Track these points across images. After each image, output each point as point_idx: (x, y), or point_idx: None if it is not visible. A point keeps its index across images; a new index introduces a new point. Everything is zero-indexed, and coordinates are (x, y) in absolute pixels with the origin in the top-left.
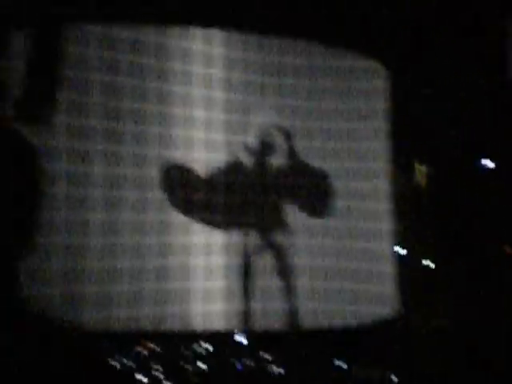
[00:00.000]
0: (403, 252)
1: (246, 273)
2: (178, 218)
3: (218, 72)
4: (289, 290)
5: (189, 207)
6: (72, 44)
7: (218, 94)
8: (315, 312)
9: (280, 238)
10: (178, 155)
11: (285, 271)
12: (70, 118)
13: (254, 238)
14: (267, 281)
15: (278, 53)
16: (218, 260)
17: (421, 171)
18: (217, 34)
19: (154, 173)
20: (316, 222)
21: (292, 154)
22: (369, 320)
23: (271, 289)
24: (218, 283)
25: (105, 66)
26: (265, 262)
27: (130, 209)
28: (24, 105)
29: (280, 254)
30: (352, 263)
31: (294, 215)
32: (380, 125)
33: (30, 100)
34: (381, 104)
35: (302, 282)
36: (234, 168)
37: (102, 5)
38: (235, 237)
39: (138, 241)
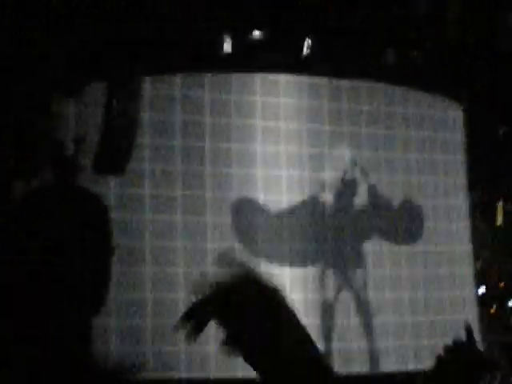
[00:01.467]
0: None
1: (326, 311)
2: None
3: (289, 103)
4: (371, 329)
5: (265, 254)
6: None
7: (291, 126)
8: (402, 350)
9: (361, 277)
10: (251, 195)
11: (367, 309)
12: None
13: (332, 279)
14: (348, 319)
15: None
16: (298, 299)
17: (502, 209)
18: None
19: (223, 220)
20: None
21: (372, 190)
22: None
23: (353, 328)
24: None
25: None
26: (345, 299)
27: (197, 261)
28: (101, 156)
29: (360, 291)
30: (436, 294)
31: (374, 255)
32: (460, 161)
33: (108, 151)
34: (459, 144)
35: (387, 319)
36: (311, 208)
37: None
38: (313, 277)
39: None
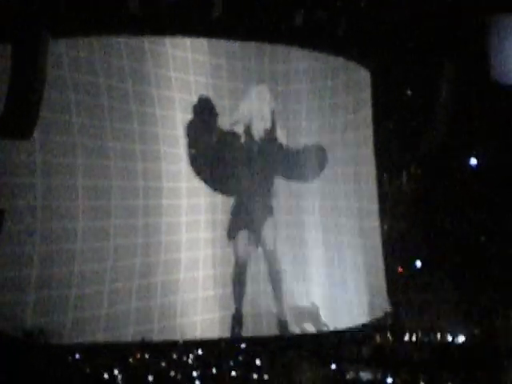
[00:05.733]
0: (392, 253)
1: (237, 280)
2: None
3: (202, 79)
4: (279, 295)
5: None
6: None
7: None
8: (307, 316)
9: (270, 244)
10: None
11: (275, 276)
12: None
13: (244, 244)
14: (257, 286)
15: (260, 58)
16: (208, 268)
17: (408, 171)
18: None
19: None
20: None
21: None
22: (360, 322)
23: (261, 294)
24: (209, 292)
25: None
26: (255, 268)
27: (112, 216)
28: (6, 119)
29: (270, 259)
30: (342, 268)
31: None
32: (367, 132)
33: (12, 114)
34: (366, 107)
35: (292, 287)
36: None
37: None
38: (224, 246)
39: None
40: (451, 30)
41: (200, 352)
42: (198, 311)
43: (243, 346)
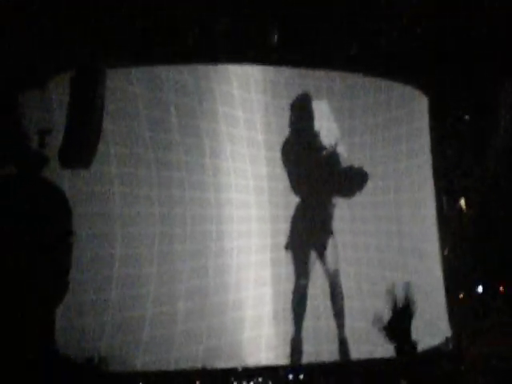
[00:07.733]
0: (453, 277)
1: (297, 299)
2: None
3: (258, 115)
4: (341, 316)
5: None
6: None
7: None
8: (368, 339)
9: (331, 263)
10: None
11: (337, 297)
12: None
13: (304, 265)
14: (318, 306)
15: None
16: (268, 288)
17: (467, 197)
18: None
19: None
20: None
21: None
22: (421, 346)
23: (323, 314)
24: (268, 311)
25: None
26: (316, 287)
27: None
28: (66, 150)
29: (332, 279)
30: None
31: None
32: (426, 158)
33: (72, 145)
34: (425, 133)
35: (354, 308)
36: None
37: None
38: (284, 263)
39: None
40: (510, 53)
41: (260, 379)
42: (259, 328)
43: (303, 370)
